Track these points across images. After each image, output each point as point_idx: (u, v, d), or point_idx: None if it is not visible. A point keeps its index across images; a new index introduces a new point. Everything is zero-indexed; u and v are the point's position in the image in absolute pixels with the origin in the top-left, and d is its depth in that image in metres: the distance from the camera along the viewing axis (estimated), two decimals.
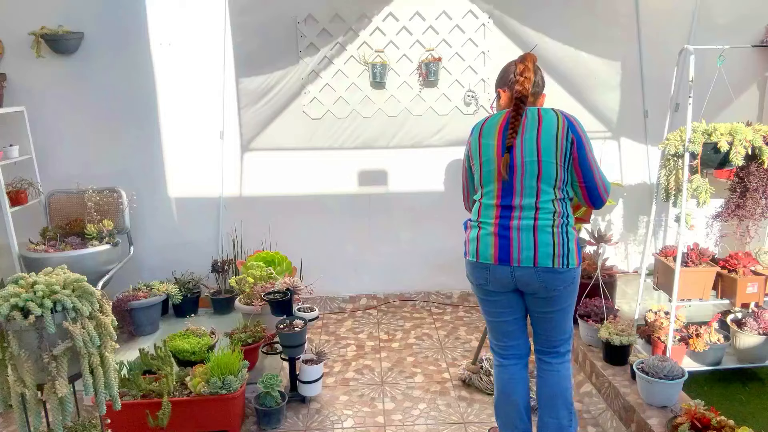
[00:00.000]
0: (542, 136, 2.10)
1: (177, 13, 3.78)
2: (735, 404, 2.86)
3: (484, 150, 2.18)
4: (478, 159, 2.21)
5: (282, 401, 2.83)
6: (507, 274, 2.15)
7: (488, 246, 2.16)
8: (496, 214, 2.16)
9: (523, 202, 2.12)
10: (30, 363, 1.84)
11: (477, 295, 2.34)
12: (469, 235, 2.26)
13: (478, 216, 2.22)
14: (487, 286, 2.23)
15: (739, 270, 2.97)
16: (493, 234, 2.15)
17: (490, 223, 2.17)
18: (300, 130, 3.96)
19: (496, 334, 2.37)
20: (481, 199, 2.22)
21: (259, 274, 3.45)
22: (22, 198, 3.57)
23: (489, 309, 2.33)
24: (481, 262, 2.19)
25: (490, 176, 2.17)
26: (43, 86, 3.78)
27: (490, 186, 2.18)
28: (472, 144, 2.24)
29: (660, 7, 3.82)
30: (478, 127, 2.25)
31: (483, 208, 2.21)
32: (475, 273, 2.24)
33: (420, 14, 3.82)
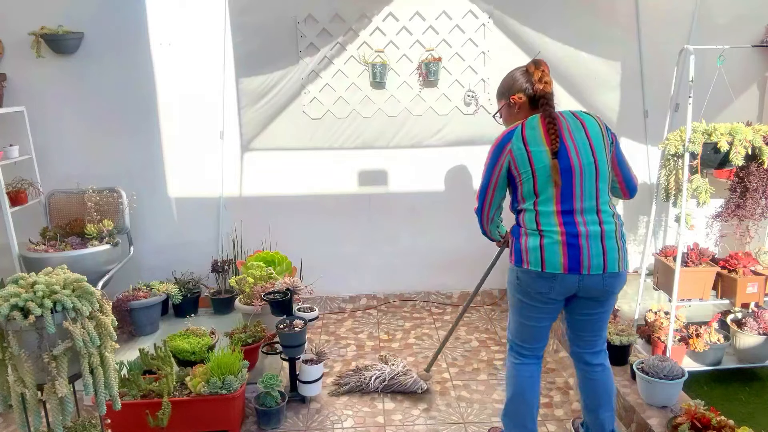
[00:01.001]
0: (593, 138, 2.13)
1: (177, 13, 3.77)
2: (735, 404, 2.86)
3: (536, 157, 2.10)
4: (528, 167, 2.12)
5: (282, 401, 2.83)
6: (574, 282, 2.12)
7: (556, 255, 2.10)
8: (559, 221, 2.11)
9: (584, 206, 2.12)
10: (30, 363, 1.84)
11: (525, 303, 2.24)
12: (526, 243, 2.15)
13: (537, 224, 2.14)
14: (548, 295, 2.17)
15: (739, 270, 2.97)
16: (561, 242, 2.09)
17: (555, 231, 2.11)
18: (300, 130, 3.96)
19: (526, 337, 2.33)
20: (537, 207, 2.15)
21: (259, 274, 3.45)
22: (22, 198, 3.57)
23: (532, 315, 2.26)
24: (547, 271, 2.11)
25: (548, 182, 2.11)
26: (43, 86, 3.78)
27: (547, 192, 2.12)
28: (516, 153, 2.13)
29: (660, 7, 3.82)
30: (517, 136, 2.14)
31: (541, 216, 2.13)
32: (537, 283, 2.15)
33: (420, 14, 3.82)
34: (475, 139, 4.01)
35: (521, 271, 2.19)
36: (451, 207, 4.13)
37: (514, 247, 2.22)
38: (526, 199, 2.17)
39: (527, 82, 2.23)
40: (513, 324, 2.36)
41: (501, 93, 2.35)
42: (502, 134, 2.20)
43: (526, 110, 2.25)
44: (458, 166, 4.07)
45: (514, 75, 2.30)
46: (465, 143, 4.02)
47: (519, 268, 2.19)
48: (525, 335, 2.33)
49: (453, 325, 3.14)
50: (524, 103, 2.25)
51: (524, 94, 2.24)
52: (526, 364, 2.35)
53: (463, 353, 3.53)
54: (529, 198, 2.16)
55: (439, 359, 3.46)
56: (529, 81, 2.23)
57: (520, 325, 2.32)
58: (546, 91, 2.18)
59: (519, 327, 2.33)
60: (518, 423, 2.38)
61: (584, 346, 2.35)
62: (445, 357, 3.49)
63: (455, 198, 4.11)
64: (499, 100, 2.38)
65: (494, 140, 2.22)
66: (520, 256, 2.18)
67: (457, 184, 4.10)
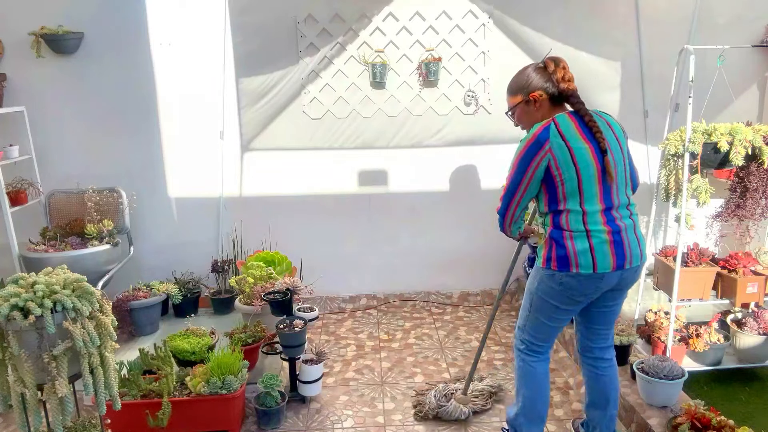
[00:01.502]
0: (619, 136, 2.16)
1: (177, 13, 3.77)
2: (735, 404, 2.86)
3: (579, 155, 2.06)
4: (571, 165, 2.06)
5: (282, 401, 2.83)
6: (617, 277, 2.14)
7: (606, 255, 2.08)
8: (604, 219, 2.10)
9: (621, 201, 2.15)
10: (30, 363, 1.84)
11: (559, 307, 2.21)
12: (575, 246, 2.09)
13: (584, 224, 2.09)
14: (591, 296, 2.17)
15: (739, 270, 2.97)
16: (609, 241, 2.09)
17: (601, 230, 2.09)
18: (300, 130, 3.96)
19: (547, 336, 2.32)
20: (583, 206, 2.09)
21: (259, 274, 3.45)
22: (22, 198, 3.57)
23: (561, 317, 2.25)
24: (598, 272, 2.09)
25: (591, 181, 2.08)
26: (43, 86, 3.78)
27: (592, 191, 2.08)
28: (557, 152, 2.05)
29: (660, 7, 3.82)
30: (554, 133, 2.06)
31: (588, 216, 2.09)
32: (585, 285, 2.12)
33: (420, 14, 3.82)
34: (475, 139, 4.01)
35: (567, 276, 2.11)
36: (451, 207, 4.13)
37: (557, 253, 2.12)
38: (569, 199, 2.10)
39: (547, 80, 2.16)
40: (532, 325, 2.31)
41: (516, 90, 2.24)
42: (535, 133, 2.09)
43: (546, 108, 2.18)
44: (458, 166, 4.07)
45: (529, 72, 2.21)
46: (465, 143, 4.02)
47: (564, 273, 2.12)
48: (546, 335, 2.31)
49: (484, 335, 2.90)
50: (545, 101, 2.17)
51: (545, 91, 2.16)
52: (542, 361, 2.35)
53: (463, 353, 3.53)
54: (572, 197, 2.10)
55: (439, 359, 3.46)
56: (549, 79, 2.15)
57: (542, 326, 2.28)
58: (572, 88, 2.13)
59: (541, 327, 2.29)
60: (535, 418, 2.38)
61: (596, 340, 2.36)
62: (445, 357, 3.49)
63: (455, 198, 4.12)
64: (512, 97, 2.26)
65: (525, 140, 2.11)
66: (566, 260, 2.10)
67: (457, 184, 4.10)
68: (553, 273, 2.14)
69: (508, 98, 2.29)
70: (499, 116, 3.93)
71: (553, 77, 2.15)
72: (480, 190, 4.11)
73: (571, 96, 2.13)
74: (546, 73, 2.17)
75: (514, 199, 2.20)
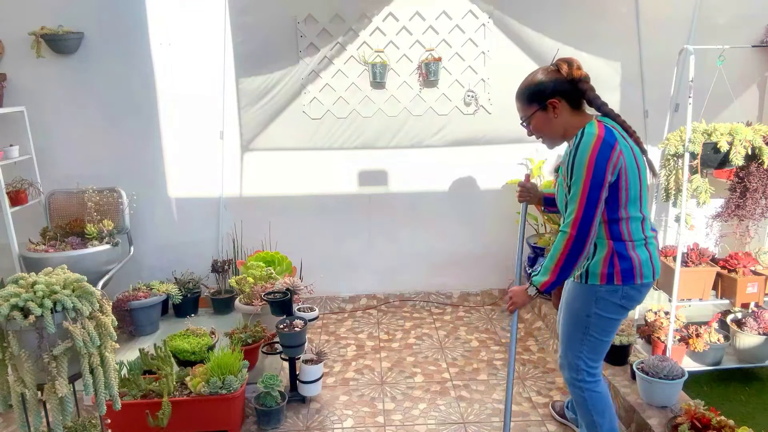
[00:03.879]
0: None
1: (177, 13, 3.77)
2: (735, 404, 2.86)
3: (639, 158, 2.02)
4: (635, 169, 1.99)
5: (282, 401, 2.83)
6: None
7: (658, 261, 2.12)
8: (650, 227, 2.11)
9: None
10: (30, 363, 1.84)
11: (617, 320, 2.15)
12: (639, 257, 2.04)
13: (643, 231, 2.07)
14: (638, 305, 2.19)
15: (739, 270, 2.97)
16: (656, 246, 2.13)
17: (651, 236, 2.10)
18: (300, 130, 3.96)
19: (603, 354, 2.24)
20: (642, 211, 2.07)
21: (259, 274, 3.45)
22: (22, 198, 3.57)
23: (615, 330, 2.20)
24: (654, 279, 2.11)
25: (646, 185, 2.07)
26: (43, 86, 3.78)
27: (645, 195, 2.06)
28: (627, 155, 1.97)
29: (660, 7, 3.82)
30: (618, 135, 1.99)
31: (645, 222, 2.08)
32: (643, 294, 2.13)
33: (420, 14, 3.82)
34: (475, 139, 4.01)
35: (631, 288, 2.06)
36: (451, 207, 4.13)
37: (621, 266, 2.03)
38: (631, 205, 2.01)
39: (564, 83, 2.02)
40: (591, 347, 2.19)
41: (530, 97, 2.08)
42: (598, 136, 1.95)
43: (567, 113, 2.05)
44: (458, 166, 4.07)
45: (541, 77, 2.06)
46: (465, 143, 4.02)
47: (629, 286, 2.05)
48: (602, 353, 2.23)
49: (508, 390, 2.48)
50: (564, 107, 2.05)
51: (563, 96, 2.03)
52: (601, 382, 2.28)
53: (463, 353, 3.54)
54: (634, 203, 2.01)
55: (439, 359, 3.46)
56: (565, 81, 2.03)
57: (601, 344, 2.20)
58: (593, 90, 2.05)
59: (599, 347, 2.20)
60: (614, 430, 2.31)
61: None
62: (445, 357, 3.49)
63: (455, 198, 4.12)
64: (527, 106, 2.10)
65: (589, 145, 1.94)
66: (631, 272, 2.04)
67: (457, 184, 4.10)
68: (617, 288, 2.06)
69: (521, 107, 2.13)
70: (499, 116, 3.96)
71: (568, 79, 2.02)
72: (480, 190, 4.11)
73: (594, 99, 2.04)
74: (560, 75, 2.03)
75: (597, 210, 1.96)
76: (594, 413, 2.26)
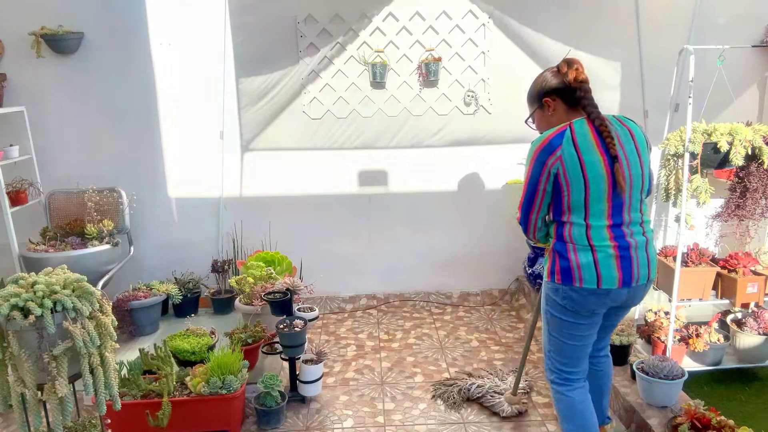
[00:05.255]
0: (640, 148, 2.03)
1: (177, 13, 3.77)
2: (735, 404, 2.86)
3: (590, 167, 1.94)
4: (580, 177, 1.94)
5: (282, 401, 2.83)
6: (623, 295, 2.04)
7: (611, 269, 1.98)
8: (611, 235, 1.99)
9: (632, 217, 2.02)
10: (30, 363, 1.84)
11: (571, 322, 2.09)
12: (578, 260, 2.00)
13: (588, 239, 1.99)
14: (598, 311, 2.07)
15: (739, 270, 2.97)
16: (614, 256, 1.99)
17: (607, 245, 1.98)
18: (300, 130, 3.96)
19: (573, 358, 2.16)
20: (587, 221, 1.99)
21: (259, 274, 3.45)
22: (22, 198, 3.57)
23: (581, 334, 2.11)
24: (603, 288, 1.99)
25: (600, 195, 1.96)
26: (43, 86, 3.78)
27: (600, 205, 1.97)
28: (567, 160, 1.94)
29: (660, 7, 3.82)
30: (568, 140, 1.96)
31: (592, 230, 1.99)
32: (590, 301, 2.03)
33: (420, 14, 3.82)
34: (475, 139, 4.01)
35: (571, 290, 2.03)
36: (452, 207, 4.13)
37: (561, 265, 2.04)
38: (573, 211, 2.00)
39: (560, 83, 2.06)
40: (555, 348, 2.18)
41: (532, 96, 2.16)
42: (548, 137, 1.98)
43: (562, 112, 2.08)
44: (458, 166, 4.07)
45: (544, 76, 2.12)
46: (465, 143, 4.02)
47: (568, 287, 2.03)
48: (571, 356, 2.16)
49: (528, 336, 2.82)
50: (559, 105, 2.08)
51: (557, 94, 2.07)
52: (578, 389, 2.19)
53: (463, 353, 3.53)
54: (577, 211, 2.00)
55: (439, 359, 3.46)
56: (562, 82, 2.06)
57: (564, 346, 2.15)
58: (585, 90, 2.03)
59: (564, 349, 2.16)
60: None
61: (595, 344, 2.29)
62: (445, 357, 3.49)
63: (455, 198, 4.12)
64: (530, 105, 2.19)
65: (537, 143, 2.00)
66: (569, 274, 2.02)
67: (457, 184, 4.10)
68: (557, 287, 2.07)
69: (528, 105, 2.21)
70: (499, 116, 3.96)
71: (565, 79, 2.05)
72: (480, 190, 4.11)
73: (583, 98, 2.03)
74: (560, 75, 2.07)
75: (533, 207, 2.06)
76: (561, 418, 2.25)
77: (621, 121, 2.06)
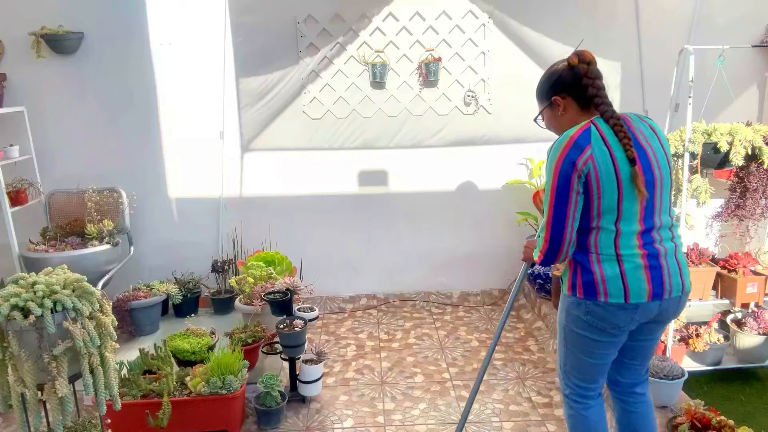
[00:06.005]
0: (664, 145, 1.87)
1: (177, 13, 3.77)
2: (735, 404, 2.86)
3: (621, 165, 1.76)
4: (613, 177, 1.76)
5: (282, 401, 2.83)
6: (654, 308, 1.84)
7: (640, 282, 1.79)
8: (640, 242, 1.80)
9: (662, 221, 1.85)
10: (30, 363, 1.84)
11: (593, 340, 1.90)
12: (602, 272, 1.81)
13: (616, 247, 1.80)
14: (625, 328, 1.87)
15: (739, 270, 2.97)
16: (644, 267, 1.80)
17: (634, 254, 1.80)
18: (300, 130, 3.96)
19: (593, 375, 1.98)
20: (618, 225, 1.79)
21: (259, 274, 3.45)
22: (22, 198, 3.57)
23: (601, 351, 1.93)
24: (632, 302, 1.80)
25: (632, 196, 1.77)
26: (43, 86, 3.78)
27: (633, 208, 1.79)
28: (599, 160, 1.75)
29: (660, 7, 3.82)
30: (596, 136, 1.77)
31: (622, 237, 1.80)
32: (617, 316, 1.83)
33: (420, 14, 3.82)
34: (475, 139, 4.01)
35: (595, 305, 1.84)
36: (452, 207, 4.13)
37: (583, 278, 1.84)
38: (604, 215, 1.80)
39: (572, 79, 1.88)
40: (572, 364, 2.00)
41: (541, 92, 1.98)
42: (572, 135, 1.78)
43: (574, 112, 1.89)
44: (458, 166, 4.07)
45: (554, 70, 1.94)
46: (465, 143, 4.02)
47: (591, 302, 1.84)
48: (590, 374, 1.98)
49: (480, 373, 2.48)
50: (570, 105, 1.90)
51: (568, 92, 1.89)
52: (593, 407, 2.02)
53: (463, 353, 3.54)
54: (608, 214, 1.79)
55: (439, 359, 3.46)
56: (574, 77, 1.87)
57: (583, 363, 1.97)
58: (597, 87, 1.84)
59: (582, 366, 1.98)
60: None
61: (628, 375, 2.06)
62: (445, 357, 3.49)
63: (455, 198, 4.12)
64: (539, 102, 2.00)
65: (561, 142, 1.79)
66: (593, 287, 1.82)
67: (457, 184, 4.10)
68: (580, 301, 1.87)
69: (537, 102, 2.03)
70: (499, 116, 3.96)
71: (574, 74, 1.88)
72: (480, 190, 4.11)
73: (596, 96, 1.84)
74: (570, 70, 1.89)
75: (568, 216, 1.80)
76: None
77: (642, 118, 1.89)
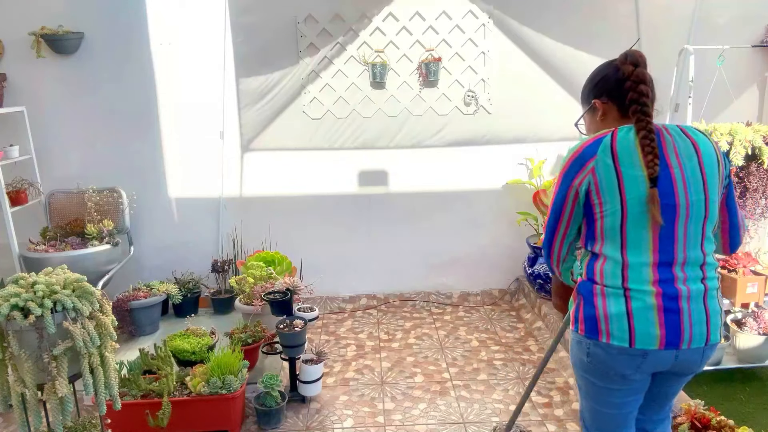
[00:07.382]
0: (706, 166, 1.57)
1: (177, 13, 3.77)
2: (735, 404, 2.86)
3: (629, 183, 1.53)
4: (617, 195, 1.55)
5: (282, 401, 2.83)
6: (669, 358, 1.58)
7: (650, 325, 1.54)
8: (655, 278, 1.55)
9: (689, 256, 1.57)
10: (30, 363, 1.84)
11: (599, 386, 1.68)
12: (606, 307, 1.58)
13: (624, 279, 1.56)
14: (632, 377, 1.62)
15: (739, 270, 2.97)
16: (656, 307, 1.54)
17: (646, 291, 1.55)
18: (300, 130, 3.96)
19: (609, 426, 1.74)
20: (625, 254, 1.57)
21: (259, 274, 3.45)
22: (22, 198, 3.57)
23: (612, 400, 1.69)
24: (638, 348, 1.55)
25: (642, 221, 1.54)
26: (43, 86, 3.78)
27: (642, 234, 1.55)
28: (601, 173, 1.55)
29: (660, 7, 3.82)
30: (605, 148, 1.56)
31: (630, 268, 1.56)
32: (618, 362, 1.59)
33: (420, 14, 3.82)
34: (475, 139, 4.01)
35: (595, 345, 1.60)
36: (451, 207, 4.13)
37: (585, 312, 1.62)
38: (608, 240, 1.59)
39: (615, 82, 1.66)
40: (589, 414, 1.78)
41: (584, 94, 1.79)
42: (584, 144, 1.61)
43: (614, 119, 1.69)
44: (458, 166, 4.07)
45: (598, 71, 1.75)
46: (465, 143, 4.02)
47: (592, 341, 1.61)
48: (607, 424, 1.74)
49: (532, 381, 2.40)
50: (610, 109, 1.69)
51: (609, 98, 1.68)
52: None
53: (463, 353, 3.54)
54: (612, 239, 1.58)
55: (439, 359, 3.46)
56: (617, 80, 1.65)
57: (597, 413, 1.74)
58: (639, 93, 1.58)
59: (597, 416, 1.75)
60: None
61: (648, 413, 1.84)
62: (445, 357, 3.49)
63: (455, 198, 4.12)
64: (582, 104, 1.81)
65: (571, 151, 1.63)
66: (594, 324, 1.59)
67: (457, 184, 4.10)
68: (581, 339, 1.65)
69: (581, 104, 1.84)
70: (499, 116, 3.96)
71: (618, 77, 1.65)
72: (480, 190, 4.11)
73: (634, 103, 1.58)
74: (615, 72, 1.67)
75: (558, 230, 1.68)
76: None
77: (685, 132, 1.61)
